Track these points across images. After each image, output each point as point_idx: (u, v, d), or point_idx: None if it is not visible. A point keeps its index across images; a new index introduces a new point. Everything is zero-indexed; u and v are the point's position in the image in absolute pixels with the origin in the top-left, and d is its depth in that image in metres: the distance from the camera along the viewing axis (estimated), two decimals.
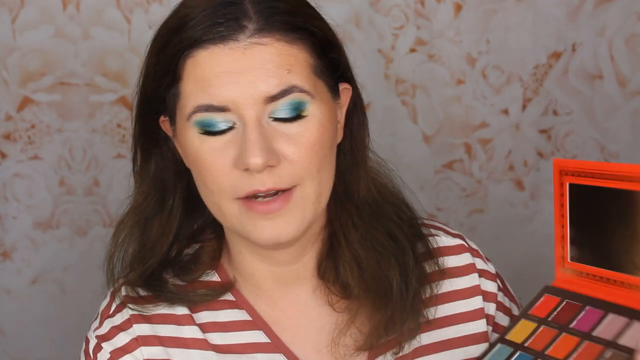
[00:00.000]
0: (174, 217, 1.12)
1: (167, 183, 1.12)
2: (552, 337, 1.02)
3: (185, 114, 1.03)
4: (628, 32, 1.78)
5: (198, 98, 1.02)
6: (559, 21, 1.77)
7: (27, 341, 1.78)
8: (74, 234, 1.75)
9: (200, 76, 1.02)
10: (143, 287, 1.12)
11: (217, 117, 1.02)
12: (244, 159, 1.01)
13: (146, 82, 1.08)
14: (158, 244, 1.12)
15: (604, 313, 1.02)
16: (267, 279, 1.12)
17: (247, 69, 1.01)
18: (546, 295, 1.07)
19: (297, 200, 1.04)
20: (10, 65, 1.69)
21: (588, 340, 1.00)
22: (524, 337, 1.03)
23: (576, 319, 1.03)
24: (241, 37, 1.01)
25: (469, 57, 1.76)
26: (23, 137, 1.72)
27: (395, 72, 1.76)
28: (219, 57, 1.01)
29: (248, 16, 1.02)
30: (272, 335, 1.11)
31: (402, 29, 1.75)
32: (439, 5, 1.74)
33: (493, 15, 1.76)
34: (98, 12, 1.69)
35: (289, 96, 1.02)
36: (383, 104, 1.77)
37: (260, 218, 1.03)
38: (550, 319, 1.04)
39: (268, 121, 1.02)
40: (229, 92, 1.01)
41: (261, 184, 1.02)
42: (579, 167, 1.02)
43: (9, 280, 1.76)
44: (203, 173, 1.04)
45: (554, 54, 1.78)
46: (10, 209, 1.74)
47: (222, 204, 1.04)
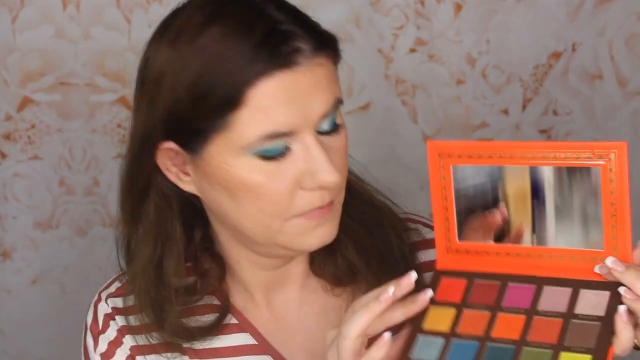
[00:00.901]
0: (182, 246, 1.11)
1: (168, 217, 1.10)
2: (487, 320, 1.00)
3: (241, 142, 1.00)
4: (628, 32, 1.78)
5: (263, 126, 1.00)
6: (559, 21, 1.77)
7: (27, 341, 1.78)
8: (74, 234, 1.75)
9: (264, 104, 0.99)
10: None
11: (280, 143, 1.01)
12: (319, 178, 1.01)
13: (172, 111, 1.02)
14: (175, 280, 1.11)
15: (537, 287, 1.01)
16: (260, 284, 1.13)
17: (308, 92, 1.01)
18: (444, 278, 1.05)
19: (337, 205, 1.06)
20: (10, 65, 1.69)
21: (537, 316, 0.99)
22: (448, 325, 1.00)
23: (504, 297, 1.01)
24: (301, 59, 1.00)
25: (469, 57, 1.76)
26: (23, 137, 1.72)
27: (395, 72, 1.76)
28: (284, 84, 1.00)
29: (299, 37, 1.01)
30: (259, 338, 1.12)
31: (402, 29, 1.75)
32: (439, 5, 1.74)
33: (493, 15, 1.76)
34: (98, 12, 1.69)
35: (335, 110, 1.04)
36: (383, 104, 1.77)
37: (311, 227, 1.04)
38: (470, 302, 1.02)
39: (317, 136, 1.03)
40: (293, 117, 1.00)
41: (322, 200, 1.03)
42: (457, 149, 1.03)
43: (9, 280, 1.76)
44: (262, 198, 1.02)
45: (554, 54, 1.78)
46: (10, 209, 1.74)
47: (274, 224, 1.04)
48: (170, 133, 1.03)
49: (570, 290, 1.00)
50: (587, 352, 0.95)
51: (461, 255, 1.05)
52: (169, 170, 1.07)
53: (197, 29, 1.01)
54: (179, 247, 1.10)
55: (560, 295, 1.00)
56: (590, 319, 0.97)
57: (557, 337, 0.97)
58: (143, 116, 1.05)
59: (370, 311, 0.95)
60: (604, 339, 0.95)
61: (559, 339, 0.96)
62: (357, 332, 0.95)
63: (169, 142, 1.04)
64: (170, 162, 1.06)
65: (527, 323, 0.99)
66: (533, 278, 1.02)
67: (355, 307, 0.97)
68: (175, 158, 1.06)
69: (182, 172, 1.07)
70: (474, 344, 0.98)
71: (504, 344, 0.97)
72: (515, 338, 0.98)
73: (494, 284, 1.03)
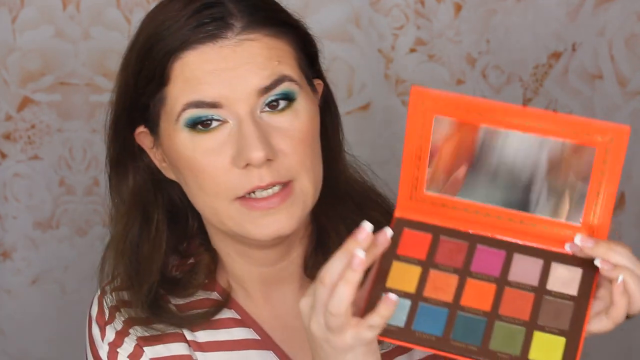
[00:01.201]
0: (162, 232, 1.11)
1: (148, 198, 1.11)
2: (455, 284, 0.97)
3: (174, 115, 1.03)
4: (628, 32, 1.78)
5: (188, 96, 1.02)
6: (559, 21, 1.77)
7: (27, 341, 1.78)
8: (74, 234, 1.75)
9: (189, 76, 1.02)
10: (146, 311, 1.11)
11: (208, 113, 1.02)
12: (245, 154, 1.01)
13: (125, 92, 1.07)
14: (152, 264, 1.10)
15: (507, 253, 0.98)
16: (255, 280, 1.13)
17: (237, 65, 1.02)
18: (407, 230, 1.00)
19: (297, 193, 1.05)
20: (10, 65, 1.69)
21: (508, 287, 0.97)
22: (414, 285, 0.97)
23: (472, 260, 0.98)
24: (229, 34, 1.02)
25: (469, 57, 1.76)
26: (23, 137, 1.72)
27: (395, 72, 1.76)
28: (209, 56, 1.02)
29: (233, 14, 1.03)
30: (262, 333, 1.12)
31: (402, 29, 1.75)
32: (439, 5, 1.74)
33: (493, 15, 1.76)
34: (98, 12, 1.69)
35: (280, 86, 1.03)
36: (383, 104, 1.77)
37: (261, 215, 1.03)
38: (436, 261, 0.98)
39: (261, 116, 1.03)
40: (220, 89, 1.01)
41: (260, 180, 1.02)
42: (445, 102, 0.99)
43: (9, 280, 1.76)
44: (199, 176, 1.03)
45: (554, 54, 1.78)
46: (10, 209, 1.74)
47: (219, 206, 1.04)
48: (131, 115, 1.08)
49: (541, 261, 0.98)
50: (561, 334, 0.93)
51: (426, 206, 1.01)
52: (155, 157, 1.10)
53: (152, 11, 1.08)
54: (160, 236, 1.11)
55: (532, 266, 0.98)
56: (563, 297, 0.96)
57: (530, 313, 0.95)
58: (113, 100, 1.11)
59: (350, 283, 0.92)
60: (578, 321, 0.94)
61: (532, 316, 0.95)
62: (346, 307, 0.92)
63: (140, 126, 1.08)
64: (150, 149, 1.10)
65: (497, 293, 0.96)
66: (503, 243, 0.99)
67: (325, 279, 0.93)
68: (151, 144, 1.09)
69: (160, 159, 1.09)
70: (443, 311, 0.95)
71: (475, 315, 0.95)
72: (487, 310, 0.95)
73: (461, 243, 0.99)
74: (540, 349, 0.93)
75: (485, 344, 0.93)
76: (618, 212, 1.88)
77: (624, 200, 1.86)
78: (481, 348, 0.93)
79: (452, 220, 1.01)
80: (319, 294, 0.93)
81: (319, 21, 1.71)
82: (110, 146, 1.12)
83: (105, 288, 1.15)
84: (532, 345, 0.93)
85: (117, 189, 1.12)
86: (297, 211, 1.05)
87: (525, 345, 0.93)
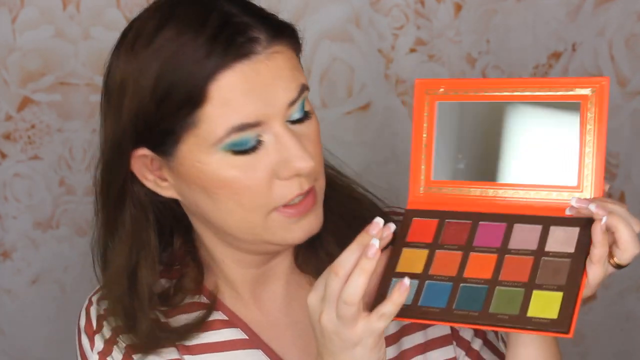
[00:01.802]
0: (156, 253, 1.11)
1: (144, 224, 1.10)
2: (459, 260, 1.01)
3: (212, 139, 1.01)
4: (628, 32, 1.78)
5: (231, 119, 1.00)
6: (559, 21, 1.77)
7: (27, 341, 1.78)
8: (74, 234, 1.75)
9: (229, 97, 1.00)
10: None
11: (249, 135, 1.01)
12: (292, 165, 1.02)
13: (136, 120, 1.03)
14: (149, 290, 1.11)
15: (507, 225, 1.02)
16: (246, 282, 1.14)
17: (270, 80, 1.01)
18: (415, 219, 1.05)
19: (319, 193, 1.07)
20: (10, 65, 1.69)
21: (508, 255, 1.00)
22: (421, 266, 1.01)
23: (475, 236, 1.02)
24: (259, 48, 1.01)
25: (469, 57, 1.76)
26: (23, 137, 1.72)
27: (395, 72, 1.76)
28: (245, 74, 1.00)
29: (253, 26, 1.02)
30: (250, 332, 1.13)
31: (402, 29, 1.75)
32: (439, 5, 1.74)
33: (493, 15, 1.76)
34: (98, 12, 1.69)
35: (302, 95, 1.04)
36: (383, 104, 1.77)
37: (294, 221, 1.05)
38: (442, 242, 1.03)
39: (287, 125, 1.03)
40: (258, 107, 1.01)
41: (300, 187, 1.04)
42: (444, 85, 1.06)
43: (9, 280, 1.76)
44: (239, 193, 1.03)
45: (554, 54, 1.78)
46: (10, 209, 1.74)
47: (256, 219, 1.04)
48: (140, 139, 1.04)
49: (540, 227, 1.00)
50: (558, 289, 0.95)
51: (433, 195, 1.06)
52: (147, 178, 1.07)
53: (151, 32, 1.03)
54: (154, 256, 1.10)
55: (531, 233, 1.01)
56: (560, 255, 0.98)
57: (529, 275, 0.97)
58: (111, 125, 1.06)
59: (366, 271, 0.95)
60: (575, 274, 0.96)
61: (530, 277, 0.97)
62: (361, 296, 0.95)
63: (142, 148, 1.05)
64: (147, 170, 1.07)
65: (498, 262, 0.99)
66: (504, 216, 1.02)
67: (339, 271, 0.96)
68: (151, 165, 1.06)
69: (159, 179, 1.07)
70: (448, 285, 0.99)
71: (476, 284, 0.98)
72: (488, 277, 0.98)
73: (465, 222, 1.03)
74: (539, 306, 0.95)
75: (486, 309, 0.96)
76: None
77: (623, 201, 1.86)
78: (481, 312, 0.96)
79: (457, 202, 1.05)
80: (332, 285, 0.96)
81: (319, 21, 1.71)
82: (105, 180, 1.09)
83: (92, 298, 1.16)
84: (530, 303, 0.96)
85: (114, 223, 1.10)
86: (321, 210, 1.08)
87: (524, 304, 0.96)
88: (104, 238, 1.12)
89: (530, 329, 0.94)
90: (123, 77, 1.04)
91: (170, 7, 1.04)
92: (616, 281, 1.90)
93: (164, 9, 1.05)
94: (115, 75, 1.06)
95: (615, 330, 1.90)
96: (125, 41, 1.06)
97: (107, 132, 1.07)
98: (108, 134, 1.07)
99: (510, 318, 0.95)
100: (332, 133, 1.76)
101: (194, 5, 1.03)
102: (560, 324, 0.93)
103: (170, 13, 1.03)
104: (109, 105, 1.07)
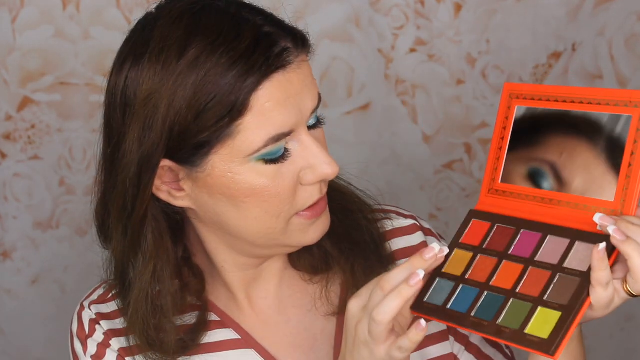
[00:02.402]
0: (175, 265, 1.11)
1: (164, 239, 1.09)
2: (493, 266, 1.01)
3: (249, 149, 1.01)
4: (628, 32, 1.78)
5: (267, 130, 1.01)
6: (559, 21, 1.77)
7: (27, 341, 1.78)
8: (74, 234, 1.75)
9: (267, 107, 1.00)
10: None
11: (281, 144, 1.02)
12: (320, 170, 1.04)
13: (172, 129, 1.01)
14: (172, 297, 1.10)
15: (542, 235, 1.01)
16: (241, 283, 1.15)
17: (299, 89, 1.02)
18: (474, 220, 1.06)
19: (326, 194, 1.09)
20: (10, 65, 1.69)
21: (532, 267, 1.00)
22: (462, 269, 1.02)
23: (513, 244, 1.02)
24: (291, 58, 1.02)
25: (469, 57, 1.76)
26: (23, 137, 1.72)
27: (395, 72, 1.76)
28: (281, 84, 1.01)
29: (282, 37, 1.02)
30: (243, 333, 1.13)
31: (402, 29, 1.75)
32: (439, 5, 1.74)
33: (493, 15, 1.76)
34: (98, 12, 1.69)
35: (319, 104, 1.06)
36: (383, 104, 1.77)
37: (310, 223, 1.07)
38: (486, 247, 1.03)
39: (308, 131, 1.05)
40: (291, 117, 1.02)
41: (320, 192, 1.06)
42: (531, 91, 1.06)
43: (9, 280, 1.76)
44: (268, 201, 1.03)
45: (554, 54, 1.78)
46: (10, 209, 1.74)
47: (278, 225, 1.05)
48: (170, 151, 1.03)
49: (568, 241, 1.00)
50: (559, 308, 0.95)
51: (495, 198, 1.07)
52: (160, 190, 1.06)
53: (180, 43, 1.01)
54: (172, 267, 1.10)
55: (558, 246, 1.00)
56: (574, 273, 0.97)
57: (541, 290, 0.97)
58: (137, 139, 1.03)
59: (403, 297, 0.97)
60: (578, 295, 0.95)
61: (541, 293, 0.97)
62: (391, 318, 0.97)
63: (163, 160, 1.03)
64: (161, 181, 1.06)
65: (522, 273, 1.00)
66: (543, 226, 1.02)
67: (385, 286, 0.98)
68: (166, 176, 1.05)
69: (174, 189, 1.06)
70: (475, 290, 1.01)
71: (497, 293, 0.99)
72: (508, 288, 0.99)
73: (509, 229, 1.04)
74: (538, 324, 0.95)
75: (495, 319, 0.97)
76: None
77: None
78: (490, 322, 0.97)
79: (515, 209, 1.05)
80: (375, 298, 0.98)
81: (319, 21, 1.71)
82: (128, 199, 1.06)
83: (84, 303, 1.16)
84: (532, 320, 0.96)
85: (138, 240, 1.08)
86: (328, 210, 1.09)
87: (526, 319, 0.96)
88: (127, 257, 1.09)
89: (521, 345, 0.95)
90: (151, 89, 1.01)
91: (193, 16, 1.03)
92: None
93: (187, 18, 1.02)
94: (140, 88, 1.03)
95: (615, 330, 1.90)
96: (147, 52, 1.03)
97: (130, 146, 1.03)
98: (132, 148, 1.03)
99: (510, 332, 0.96)
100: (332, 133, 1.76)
101: (220, 15, 1.03)
102: (547, 345, 0.93)
103: (196, 23, 1.02)
104: (132, 119, 1.03)
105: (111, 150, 1.06)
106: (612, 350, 1.91)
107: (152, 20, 1.05)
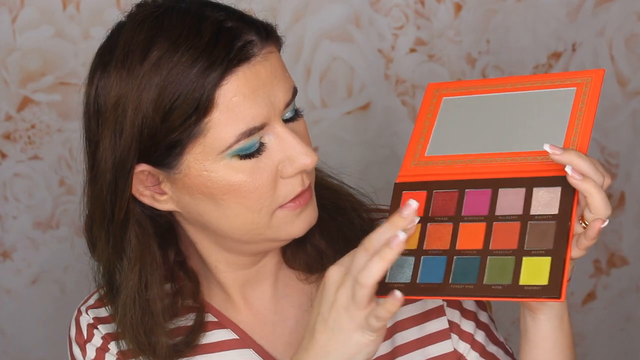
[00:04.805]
0: (162, 269, 1.11)
1: (148, 243, 1.09)
2: (451, 232, 1.01)
3: (221, 146, 1.01)
4: (628, 32, 1.78)
5: (237, 125, 1.00)
6: (559, 21, 1.77)
7: (27, 341, 1.78)
8: (74, 234, 1.75)
9: (234, 102, 1.00)
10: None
11: (255, 138, 1.02)
12: (298, 162, 1.03)
13: (140, 136, 1.02)
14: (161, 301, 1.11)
15: (493, 190, 1.02)
16: (236, 283, 1.15)
17: (268, 81, 1.02)
18: (405, 192, 1.06)
19: (312, 186, 1.08)
20: (10, 65, 1.69)
21: (496, 222, 1.00)
22: (416, 242, 1.02)
23: (463, 205, 1.03)
24: (255, 50, 1.02)
25: (469, 57, 1.77)
26: (23, 137, 1.72)
27: (395, 72, 1.76)
28: (246, 78, 1.01)
29: (244, 30, 1.02)
30: (240, 333, 1.13)
31: (402, 29, 1.75)
32: (439, 5, 1.74)
33: (493, 15, 1.76)
34: (98, 12, 1.69)
35: (295, 97, 1.06)
36: (383, 104, 1.77)
37: (297, 213, 1.06)
38: (432, 214, 1.03)
39: (284, 124, 1.05)
40: (262, 109, 1.01)
41: (302, 184, 1.05)
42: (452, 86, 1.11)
43: (9, 280, 1.76)
44: (247, 197, 1.03)
45: (554, 54, 1.78)
46: (10, 209, 1.74)
47: (261, 220, 1.05)
48: (143, 154, 1.03)
49: (524, 190, 1.01)
50: (546, 253, 0.96)
51: (423, 168, 1.07)
52: (143, 195, 1.07)
53: (143, 46, 1.02)
54: (160, 271, 1.10)
55: (516, 197, 1.01)
56: (545, 218, 0.98)
57: (517, 241, 0.98)
58: (110, 145, 1.04)
59: (386, 260, 0.96)
60: (561, 237, 0.96)
61: (519, 244, 0.97)
62: (375, 281, 0.96)
63: (140, 165, 1.04)
64: (143, 186, 1.06)
65: (487, 230, 1.00)
66: (489, 181, 1.03)
67: (369, 247, 0.97)
68: (147, 180, 1.06)
69: (157, 193, 1.07)
70: (442, 259, 1.00)
71: (469, 255, 0.99)
72: (479, 247, 0.99)
73: (452, 192, 1.04)
74: (529, 273, 0.95)
75: (480, 280, 0.97)
76: (618, 212, 1.88)
77: (623, 201, 1.87)
78: (476, 284, 0.96)
79: (445, 172, 1.06)
80: (359, 259, 0.97)
81: (319, 21, 1.71)
82: (107, 204, 1.07)
83: (81, 308, 1.17)
84: (522, 271, 0.96)
85: (121, 245, 1.09)
86: (315, 202, 1.09)
87: (515, 272, 0.96)
88: (112, 263, 1.11)
89: (523, 297, 0.95)
90: (118, 94, 1.02)
91: (155, 19, 1.03)
92: (616, 281, 1.90)
93: (149, 22, 1.03)
94: (107, 95, 1.04)
95: (615, 330, 1.90)
96: (113, 59, 1.04)
97: (104, 154, 1.05)
98: (106, 155, 1.05)
99: (504, 288, 0.95)
100: (332, 133, 1.76)
101: (181, 15, 1.03)
102: (551, 289, 0.93)
103: (158, 26, 1.02)
104: (104, 126, 1.05)
105: (90, 159, 1.08)
106: (612, 350, 1.91)
107: (118, 27, 1.07)
